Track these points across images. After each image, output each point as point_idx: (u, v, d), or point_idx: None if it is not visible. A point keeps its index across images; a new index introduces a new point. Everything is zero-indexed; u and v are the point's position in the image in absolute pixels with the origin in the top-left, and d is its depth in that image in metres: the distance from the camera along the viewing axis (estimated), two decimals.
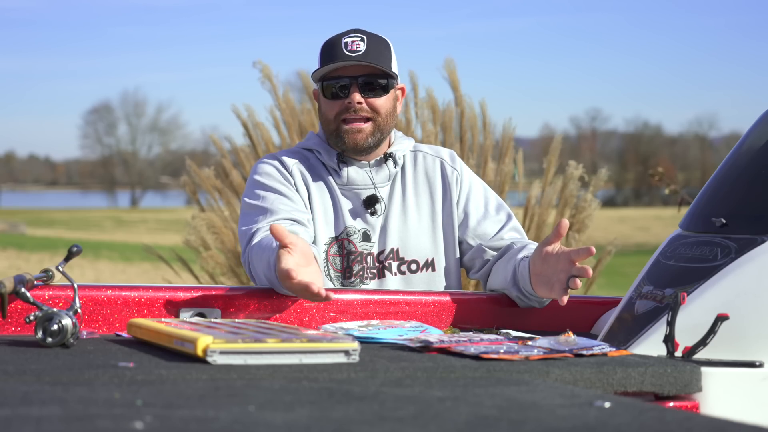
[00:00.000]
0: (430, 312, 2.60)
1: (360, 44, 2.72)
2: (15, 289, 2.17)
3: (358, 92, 2.73)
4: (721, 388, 2.05)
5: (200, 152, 46.26)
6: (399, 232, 2.78)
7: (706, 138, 60.82)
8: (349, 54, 2.71)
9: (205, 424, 1.32)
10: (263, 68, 6.08)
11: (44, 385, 1.60)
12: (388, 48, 2.78)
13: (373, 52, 2.73)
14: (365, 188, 2.79)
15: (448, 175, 2.84)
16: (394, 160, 2.81)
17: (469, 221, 2.81)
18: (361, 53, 2.71)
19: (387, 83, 2.76)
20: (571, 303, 2.80)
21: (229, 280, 6.05)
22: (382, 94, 2.75)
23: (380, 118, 2.75)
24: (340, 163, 2.78)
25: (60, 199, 66.53)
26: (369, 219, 2.77)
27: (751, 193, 2.44)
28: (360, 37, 2.74)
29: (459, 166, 2.88)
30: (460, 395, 1.62)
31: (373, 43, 2.74)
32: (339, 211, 2.76)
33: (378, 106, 2.75)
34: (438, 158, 2.87)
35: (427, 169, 2.85)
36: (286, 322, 2.50)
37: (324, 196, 2.77)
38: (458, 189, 2.84)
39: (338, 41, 2.74)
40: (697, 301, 2.21)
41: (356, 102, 2.72)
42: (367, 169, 2.79)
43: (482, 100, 6.13)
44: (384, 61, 2.75)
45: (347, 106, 2.73)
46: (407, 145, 2.86)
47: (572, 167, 5.96)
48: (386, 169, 2.81)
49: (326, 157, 2.79)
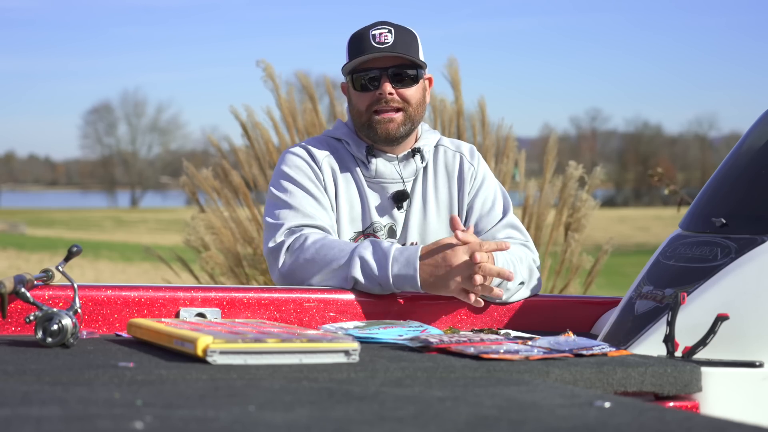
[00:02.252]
0: (430, 312, 2.60)
1: (388, 36, 2.75)
2: (15, 289, 2.17)
3: (388, 83, 2.75)
4: (721, 388, 2.05)
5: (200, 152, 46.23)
6: (419, 227, 2.81)
7: (706, 138, 60.83)
8: (378, 46, 2.74)
9: (205, 424, 1.32)
10: (266, 67, 6.07)
11: (44, 385, 1.60)
12: (415, 39, 2.81)
13: (401, 43, 2.76)
14: (393, 182, 2.81)
15: (465, 170, 2.87)
16: (422, 155, 2.84)
17: (471, 216, 2.83)
18: (389, 45, 2.74)
19: (416, 73, 2.79)
20: (571, 303, 2.81)
21: (228, 280, 6.05)
22: (412, 84, 2.78)
23: (411, 108, 2.78)
24: (368, 155, 2.80)
25: (60, 199, 66.54)
26: (395, 214, 2.80)
27: (751, 193, 2.44)
28: (387, 29, 2.77)
29: (476, 161, 2.90)
30: (460, 395, 1.62)
31: (400, 35, 2.77)
32: (366, 206, 2.79)
33: (409, 96, 2.77)
34: (458, 153, 2.90)
35: (447, 163, 2.88)
36: (286, 322, 2.50)
37: (351, 190, 2.79)
38: (471, 182, 2.87)
39: (366, 34, 2.77)
40: (697, 301, 2.21)
41: (387, 93, 2.75)
42: (395, 162, 2.81)
43: (481, 99, 6.13)
44: (413, 52, 2.78)
45: (378, 98, 2.75)
46: (433, 140, 2.90)
47: (572, 167, 5.96)
48: (413, 164, 2.84)
49: (355, 148, 2.81)
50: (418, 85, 2.80)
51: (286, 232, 2.67)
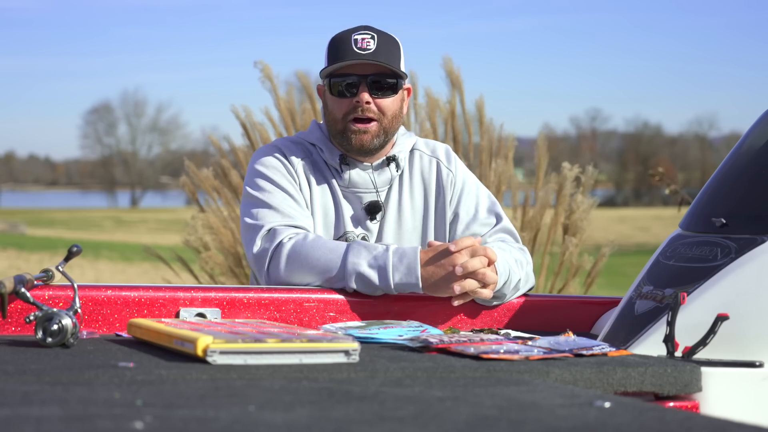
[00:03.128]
0: (430, 312, 2.60)
1: (370, 42, 2.68)
2: (15, 289, 2.17)
3: (366, 92, 2.69)
4: (721, 388, 2.05)
5: (200, 152, 46.24)
6: (394, 236, 2.77)
7: (706, 138, 60.80)
8: (359, 52, 2.67)
9: (205, 424, 1.32)
10: (264, 68, 6.07)
11: (44, 385, 1.60)
12: (398, 47, 2.75)
13: (384, 50, 2.69)
14: (367, 192, 2.76)
15: (443, 176, 2.81)
16: (397, 163, 2.79)
17: (458, 224, 2.79)
18: (371, 51, 2.67)
19: (396, 83, 2.73)
20: (571, 303, 2.81)
21: (228, 280, 6.05)
22: (391, 94, 2.72)
23: (386, 119, 2.71)
24: (342, 164, 2.75)
25: (60, 199, 66.52)
26: (369, 225, 2.76)
27: (751, 193, 2.44)
28: (370, 35, 2.69)
29: (454, 166, 2.84)
30: (460, 395, 1.62)
31: (383, 42, 2.70)
32: (340, 214, 2.74)
33: (385, 107, 2.71)
34: (435, 159, 2.84)
35: (423, 170, 2.82)
36: (286, 322, 2.50)
37: (326, 197, 2.75)
38: (452, 189, 2.81)
39: (348, 38, 2.69)
40: (697, 301, 2.21)
41: (365, 102, 2.68)
42: (369, 171, 2.76)
43: (479, 99, 6.12)
44: (394, 61, 2.71)
45: (355, 105, 2.69)
46: (409, 144, 2.83)
47: (566, 168, 5.94)
48: (388, 173, 2.78)
49: (328, 155, 2.75)
50: (396, 96, 2.73)
51: (267, 235, 2.62)
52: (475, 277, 2.52)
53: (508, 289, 2.62)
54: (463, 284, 2.51)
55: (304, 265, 2.56)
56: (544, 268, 5.98)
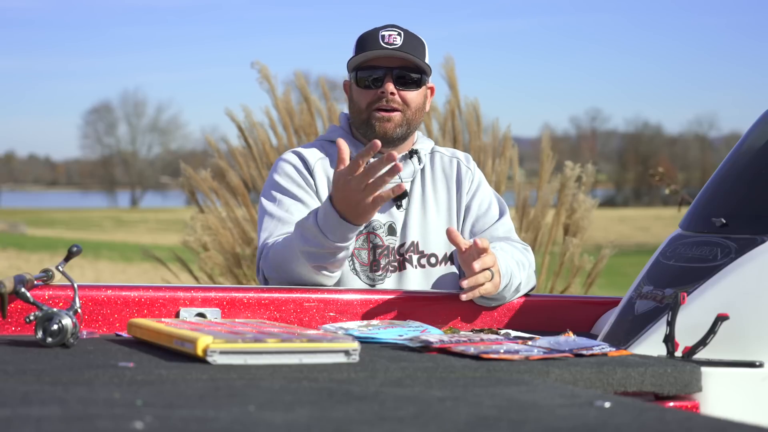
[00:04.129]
0: (430, 312, 2.60)
1: (397, 38, 2.77)
2: (15, 289, 2.17)
3: (392, 83, 2.77)
4: (721, 388, 2.05)
5: (200, 152, 46.24)
6: (419, 227, 2.81)
7: (706, 138, 60.81)
8: (386, 46, 2.76)
9: (205, 424, 1.32)
10: (261, 69, 6.07)
11: (44, 385, 1.60)
12: (423, 46, 2.83)
13: (410, 46, 2.78)
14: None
15: (463, 173, 2.89)
16: (419, 157, 2.86)
17: (469, 216, 2.85)
18: (397, 46, 2.76)
19: (420, 78, 2.80)
20: (571, 303, 2.81)
21: (227, 280, 6.05)
22: (415, 87, 2.80)
23: (410, 111, 2.79)
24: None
25: (60, 199, 66.53)
26: (394, 212, 2.80)
27: (751, 193, 2.44)
28: (397, 32, 2.79)
29: (473, 166, 2.94)
30: (460, 395, 1.62)
31: (409, 39, 2.79)
32: None
33: (409, 99, 2.78)
34: (455, 158, 2.92)
35: (444, 167, 2.90)
36: (286, 322, 2.50)
37: None
38: (469, 184, 2.89)
39: (375, 33, 2.79)
40: (697, 301, 2.21)
41: (389, 92, 2.76)
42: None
43: (474, 100, 6.13)
44: (419, 56, 2.79)
45: (380, 96, 2.77)
46: (428, 145, 2.92)
47: (569, 167, 5.95)
48: (411, 165, 2.85)
49: (352, 149, 2.79)
50: (420, 90, 2.81)
51: (261, 246, 2.71)
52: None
53: (509, 292, 2.62)
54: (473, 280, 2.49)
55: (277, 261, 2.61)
56: (545, 268, 5.98)
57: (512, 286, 2.62)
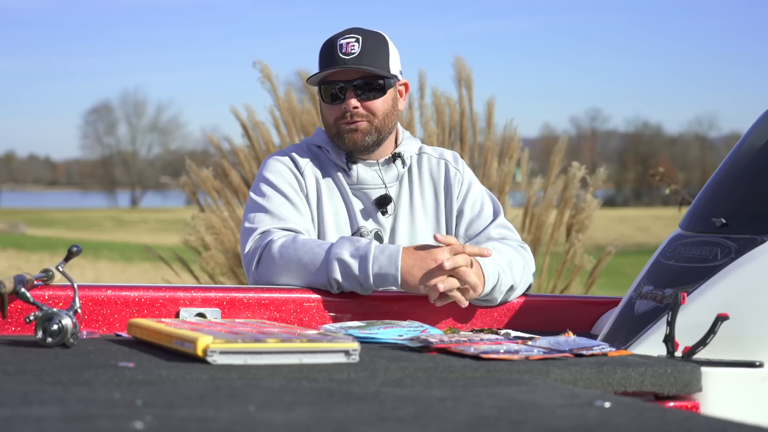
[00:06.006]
0: (430, 312, 2.60)
1: (355, 45, 2.72)
2: (15, 289, 2.17)
3: (353, 97, 2.73)
4: (721, 388, 2.05)
5: (200, 152, 46.21)
6: (408, 233, 2.79)
7: (706, 138, 60.79)
8: (344, 57, 2.71)
9: (205, 424, 1.32)
10: (263, 68, 6.08)
11: (44, 385, 1.60)
12: (385, 46, 2.77)
13: (369, 53, 2.72)
14: (375, 188, 2.79)
15: (452, 175, 2.85)
16: (403, 159, 2.82)
17: (463, 220, 2.82)
18: (355, 56, 2.71)
19: (384, 84, 2.76)
20: (571, 303, 2.81)
21: (228, 280, 6.05)
22: (379, 95, 2.75)
23: (377, 119, 2.74)
24: (349, 162, 2.78)
25: (60, 199, 66.51)
26: (380, 219, 2.78)
27: (751, 193, 2.44)
28: (355, 38, 2.73)
29: (461, 167, 2.89)
30: (460, 395, 1.62)
31: (368, 44, 2.73)
32: (351, 211, 2.77)
33: (374, 108, 2.74)
34: (442, 160, 2.88)
35: (431, 169, 2.86)
36: (286, 322, 2.50)
37: (335, 196, 2.77)
38: (459, 187, 2.85)
39: (334, 43, 2.74)
40: (697, 301, 2.21)
41: (352, 107, 2.72)
42: (376, 168, 2.80)
43: (490, 99, 6.13)
44: (380, 62, 2.74)
45: (344, 110, 2.73)
46: (414, 147, 2.88)
47: (575, 168, 5.96)
48: (395, 169, 2.82)
49: (335, 155, 2.79)
50: (386, 96, 2.76)
51: (258, 237, 2.65)
52: (457, 275, 2.52)
53: (498, 292, 2.61)
54: (447, 282, 2.50)
55: (291, 261, 2.57)
56: (547, 268, 5.98)
57: (502, 286, 2.61)
